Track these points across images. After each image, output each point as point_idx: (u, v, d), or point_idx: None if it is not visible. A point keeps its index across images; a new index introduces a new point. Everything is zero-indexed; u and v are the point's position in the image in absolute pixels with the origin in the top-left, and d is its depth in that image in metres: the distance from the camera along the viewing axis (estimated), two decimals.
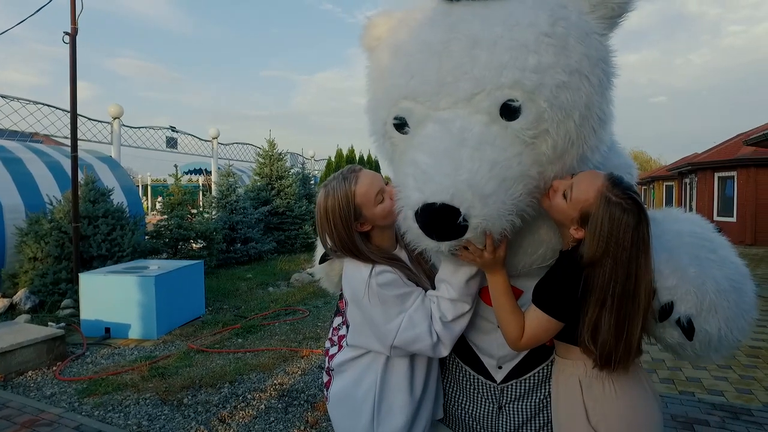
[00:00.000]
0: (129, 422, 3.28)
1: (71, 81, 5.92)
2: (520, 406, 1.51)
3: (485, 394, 1.55)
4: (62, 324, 5.19)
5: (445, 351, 1.37)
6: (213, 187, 12.79)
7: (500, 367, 1.52)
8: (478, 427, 1.57)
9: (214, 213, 10.12)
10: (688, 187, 19.21)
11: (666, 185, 25.24)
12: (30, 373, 4.12)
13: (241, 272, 8.89)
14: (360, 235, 1.44)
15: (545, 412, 1.49)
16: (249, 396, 3.68)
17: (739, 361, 4.36)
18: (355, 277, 1.42)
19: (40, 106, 8.34)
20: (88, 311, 5.21)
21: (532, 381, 1.51)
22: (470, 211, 1.12)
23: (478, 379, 1.56)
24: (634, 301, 1.18)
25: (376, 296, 1.36)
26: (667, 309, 1.24)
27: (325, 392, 1.63)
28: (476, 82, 1.21)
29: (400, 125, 1.35)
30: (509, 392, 1.52)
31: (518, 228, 1.24)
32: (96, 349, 4.79)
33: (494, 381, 1.53)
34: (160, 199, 20.40)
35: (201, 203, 11.16)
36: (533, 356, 1.50)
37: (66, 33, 5.84)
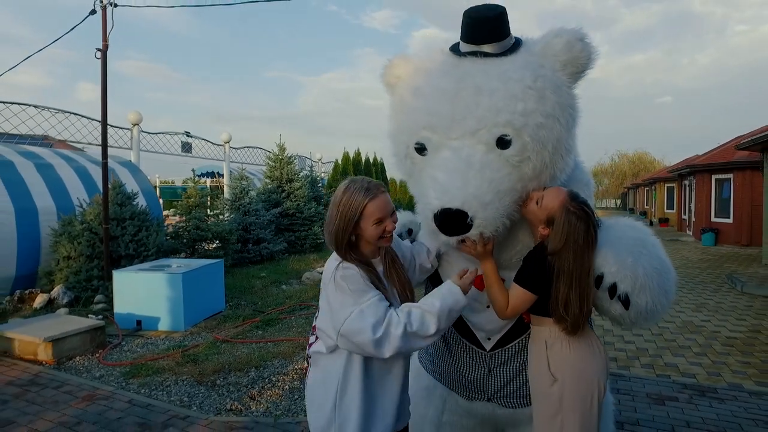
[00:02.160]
0: (172, 399, 3.76)
1: (102, 94, 6.42)
2: (504, 370, 1.97)
3: (478, 360, 2.01)
4: (101, 316, 5.68)
5: (387, 353, 1.52)
6: (225, 189, 13.28)
7: (489, 339, 1.98)
8: (473, 387, 2.02)
9: (227, 215, 10.61)
10: (687, 188, 19.55)
11: (667, 186, 25.55)
12: (77, 358, 4.61)
13: (254, 271, 9.36)
14: (351, 235, 1.63)
15: (524, 373, 1.93)
16: (274, 378, 4.15)
17: (715, 349, 4.80)
18: (328, 267, 1.66)
19: (68, 114, 8.88)
20: (121, 305, 5.70)
21: (513, 349, 1.96)
22: (475, 215, 1.56)
23: (472, 348, 2.02)
24: (588, 281, 1.65)
25: (337, 285, 1.57)
26: (612, 288, 1.69)
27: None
28: (479, 121, 1.63)
29: (421, 149, 1.77)
30: (496, 358, 1.98)
31: (506, 229, 1.70)
32: (130, 339, 5.27)
33: (485, 350, 1.99)
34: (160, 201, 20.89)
35: (209, 205, 11.65)
36: (514, 330, 1.95)
37: (98, 49, 6.34)
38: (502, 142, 1.63)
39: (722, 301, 7.00)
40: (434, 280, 2.09)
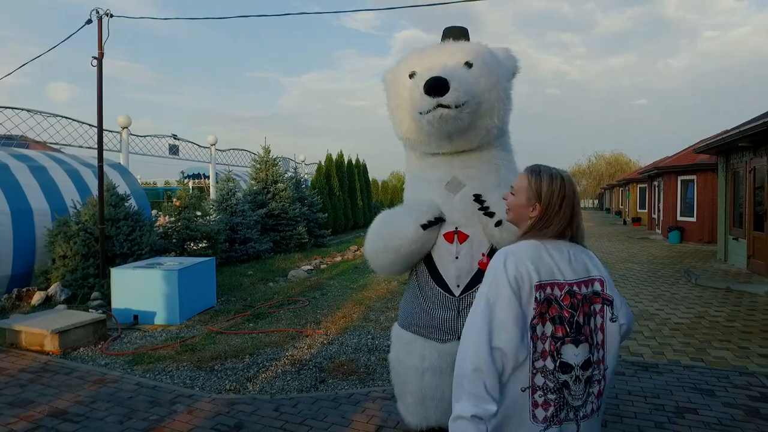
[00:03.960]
0: (175, 382, 4.14)
1: (98, 100, 6.72)
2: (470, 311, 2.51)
3: (448, 304, 2.55)
4: (101, 311, 5.99)
5: None
6: (211, 190, 13.55)
7: (458, 285, 2.53)
8: (444, 328, 2.55)
9: (214, 215, 10.93)
10: (656, 189, 20.46)
11: (640, 187, 26.58)
12: (81, 348, 4.94)
13: (242, 269, 9.72)
14: None
15: None
16: (267, 364, 4.55)
17: (663, 333, 5.38)
18: (595, 258, 1.60)
19: (59, 118, 9.10)
20: (119, 301, 6.02)
21: (477, 293, 2.48)
22: (451, 80, 2.28)
23: (444, 294, 2.56)
24: None
25: None
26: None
27: None
28: (455, 53, 2.54)
29: (412, 75, 2.56)
30: (464, 302, 2.52)
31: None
32: (129, 332, 5.61)
33: (454, 295, 2.54)
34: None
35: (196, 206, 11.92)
36: (477, 277, 2.48)
37: (94, 57, 6.65)
38: (468, 64, 2.50)
39: (677, 292, 7.64)
40: (427, 261, 2.63)
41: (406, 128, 2.61)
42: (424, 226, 2.47)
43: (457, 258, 2.47)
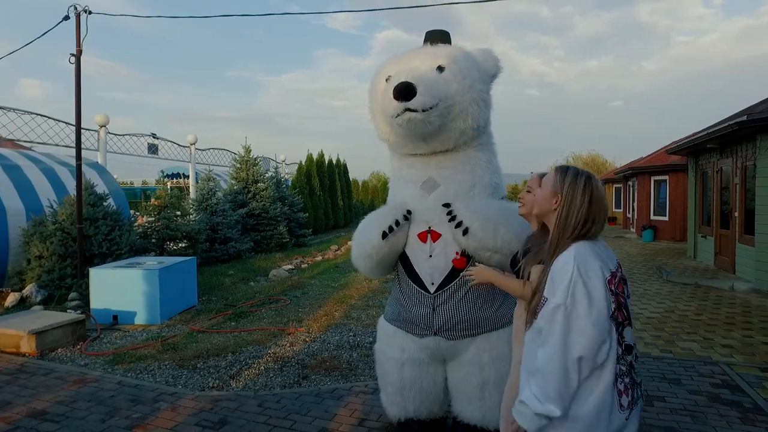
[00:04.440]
0: (158, 380, 4.14)
1: (76, 98, 6.63)
2: (445, 308, 2.59)
3: (424, 301, 2.63)
4: (80, 311, 5.92)
5: None
6: (191, 190, 13.42)
7: (432, 283, 2.60)
8: (422, 324, 2.63)
9: (194, 215, 10.83)
10: (631, 189, 21.00)
11: (615, 187, 27.20)
12: (60, 349, 4.89)
13: (222, 269, 9.67)
14: None
15: (461, 311, 2.57)
16: (250, 361, 4.58)
17: (635, 327, 5.56)
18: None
19: (34, 115, 8.90)
20: (98, 301, 5.94)
21: (451, 290, 2.57)
22: (418, 85, 2.34)
23: (420, 291, 2.64)
24: None
25: None
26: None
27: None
28: (427, 58, 2.60)
29: (387, 79, 2.58)
30: (439, 298, 2.60)
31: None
32: (108, 332, 5.55)
33: (429, 292, 2.61)
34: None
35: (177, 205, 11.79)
36: (450, 276, 2.56)
37: (72, 55, 6.55)
38: (440, 68, 2.55)
39: (649, 288, 7.91)
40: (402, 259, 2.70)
41: (384, 131, 2.69)
42: (384, 235, 2.56)
43: (431, 256, 2.55)
